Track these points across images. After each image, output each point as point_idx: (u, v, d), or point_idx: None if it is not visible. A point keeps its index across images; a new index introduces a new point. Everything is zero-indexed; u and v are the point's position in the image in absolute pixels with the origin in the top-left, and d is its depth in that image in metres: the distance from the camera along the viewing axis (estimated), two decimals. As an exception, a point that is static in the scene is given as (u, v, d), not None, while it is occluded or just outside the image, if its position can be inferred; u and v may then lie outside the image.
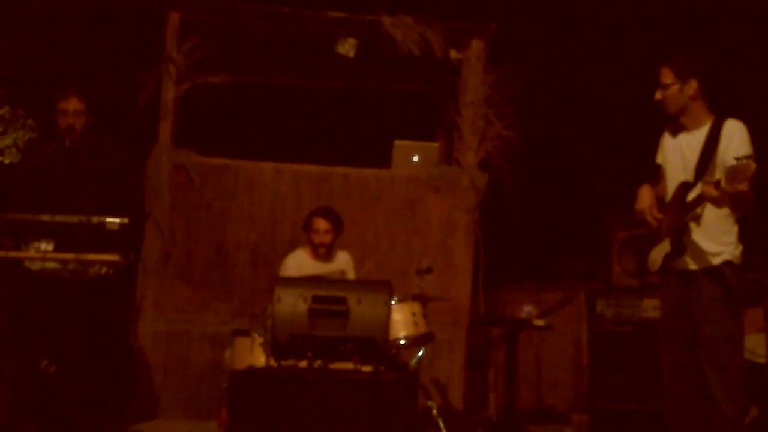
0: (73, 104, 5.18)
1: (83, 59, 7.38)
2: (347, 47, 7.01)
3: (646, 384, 5.93)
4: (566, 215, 8.21)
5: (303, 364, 4.57)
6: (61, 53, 7.41)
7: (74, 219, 4.74)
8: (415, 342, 5.54)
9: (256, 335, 5.32)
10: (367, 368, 4.56)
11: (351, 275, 6.18)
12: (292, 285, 4.72)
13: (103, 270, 4.87)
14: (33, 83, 7.25)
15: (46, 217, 4.76)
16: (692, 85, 4.28)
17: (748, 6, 7.55)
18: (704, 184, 3.98)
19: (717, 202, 4.00)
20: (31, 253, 4.73)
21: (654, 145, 4.57)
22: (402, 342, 5.46)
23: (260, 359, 5.08)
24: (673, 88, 4.31)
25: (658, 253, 4.38)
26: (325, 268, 6.06)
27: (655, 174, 4.54)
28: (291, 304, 4.56)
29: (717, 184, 3.87)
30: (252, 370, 4.73)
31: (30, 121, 7.16)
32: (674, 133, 4.42)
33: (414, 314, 5.54)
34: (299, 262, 6.06)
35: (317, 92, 8.22)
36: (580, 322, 7.12)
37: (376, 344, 4.55)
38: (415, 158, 7.16)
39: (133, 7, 7.28)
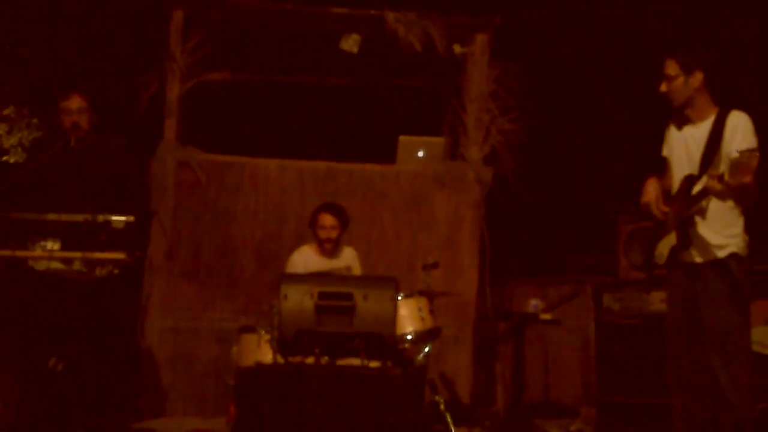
0: (75, 102, 5.18)
1: (87, 58, 7.38)
2: (351, 43, 7.00)
3: (654, 377, 5.92)
4: (572, 209, 8.18)
5: (310, 360, 4.57)
6: (65, 52, 7.40)
7: (80, 218, 4.74)
8: (422, 337, 5.54)
9: (262, 332, 5.33)
10: (374, 364, 4.56)
11: (357, 271, 6.19)
12: (298, 281, 4.72)
13: (107, 270, 4.87)
14: (37, 82, 7.25)
15: (52, 216, 4.76)
16: (697, 77, 4.27)
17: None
18: (708, 178, 3.98)
19: (721, 196, 4.00)
20: (38, 252, 4.73)
21: (659, 138, 4.56)
22: (409, 337, 5.46)
23: (267, 356, 5.09)
24: (679, 80, 4.30)
25: (665, 246, 4.38)
26: (330, 264, 6.07)
27: (660, 167, 4.53)
28: (297, 300, 4.55)
29: (721, 177, 3.87)
30: (259, 367, 4.74)
31: (35, 121, 7.15)
32: (679, 125, 4.42)
33: (420, 309, 5.54)
34: (305, 259, 6.07)
35: (321, 89, 8.21)
36: (587, 315, 7.11)
37: (383, 340, 4.55)
38: (420, 154, 7.15)
39: (137, 5, 7.28)
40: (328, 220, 6.04)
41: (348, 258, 6.18)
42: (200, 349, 6.66)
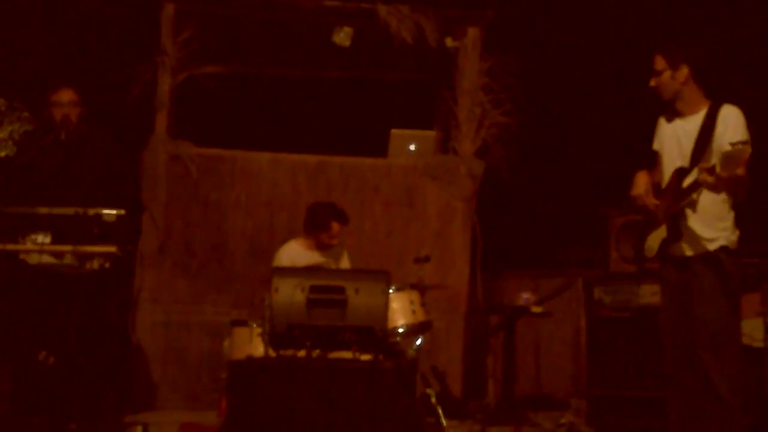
0: (66, 96, 5.17)
1: (79, 51, 7.36)
2: (343, 36, 7.00)
3: (645, 370, 5.94)
4: (564, 202, 8.20)
5: (301, 353, 4.57)
6: (57, 45, 7.39)
7: (71, 211, 4.74)
8: (413, 330, 5.55)
9: (254, 325, 5.32)
10: (365, 357, 4.56)
11: (346, 266, 6.17)
12: (289, 275, 4.71)
13: (98, 264, 4.87)
14: (28, 75, 7.23)
15: (43, 210, 4.75)
16: (683, 71, 4.29)
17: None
18: (700, 170, 3.99)
19: (713, 188, 4.01)
20: (29, 245, 4.72)
21: (651, 132, 4.57)
22: (400, 330, 5.47)
23: (259, 349, 5.09)
24: (665, 75, 4.32)
25: (655, 239, 4.39)
26: (318, 258, 6.04)
27: (651, 160, 4.55)
28: (289, 294, 4.55)
29: (712, 169, 3.88)
30: (251, 360, 4.74)
31: (26, 114, 7.14)
32: (670, 119, 4.43)
33: (412, 303, 5.55)
34: (292, 254, 6.02)
35: (313, 82, 8.20)
36: (578, 308, 7.14)
37: (375, 333, 4.55)
38: (412, 147, 7.15)
39: (129, -2, 7.27)
40: (339, 228, 5.99)
41: (337, 253, 6.17)
42: (192, 343, 6.66)
